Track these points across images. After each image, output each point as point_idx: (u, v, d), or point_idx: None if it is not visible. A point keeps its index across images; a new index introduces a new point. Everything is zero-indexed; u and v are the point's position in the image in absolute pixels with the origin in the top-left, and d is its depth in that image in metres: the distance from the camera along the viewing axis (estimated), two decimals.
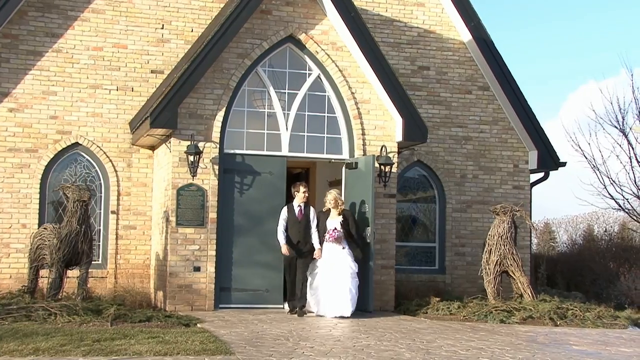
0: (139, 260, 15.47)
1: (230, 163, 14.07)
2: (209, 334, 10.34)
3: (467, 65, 17.11)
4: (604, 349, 10.43)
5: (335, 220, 13.25)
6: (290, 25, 14.44)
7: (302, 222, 13.16)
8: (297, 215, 13.20)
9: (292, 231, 13.17)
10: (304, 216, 13.22)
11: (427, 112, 16.48)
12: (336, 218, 13.27)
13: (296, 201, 13.32)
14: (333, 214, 13.32)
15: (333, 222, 13.22)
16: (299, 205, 13.28)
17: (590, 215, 28.77)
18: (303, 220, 13.19)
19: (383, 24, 16.71)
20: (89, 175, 15.43)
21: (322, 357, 8.78)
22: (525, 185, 17.30)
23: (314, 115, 14.59)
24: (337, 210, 13.32)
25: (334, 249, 13.06)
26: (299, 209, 13.26)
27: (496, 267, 14.20)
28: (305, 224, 13.17)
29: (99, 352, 8.71)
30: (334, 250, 13.06)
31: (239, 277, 13.91)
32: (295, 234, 13.15)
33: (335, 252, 13.06)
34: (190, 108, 13.86)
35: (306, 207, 13.33)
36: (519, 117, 16.95)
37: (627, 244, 23.78)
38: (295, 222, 13.17)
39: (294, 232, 13.16)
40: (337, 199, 13.41)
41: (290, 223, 13.17)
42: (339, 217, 13.28)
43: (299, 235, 13.13)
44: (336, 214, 13.32)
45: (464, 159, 16.94)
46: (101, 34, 15.57)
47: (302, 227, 13.14)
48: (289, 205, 13.39)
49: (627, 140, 22.45)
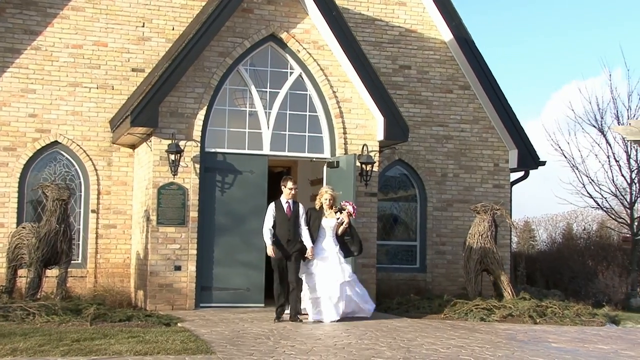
0: (119, 260, 15.38)
1: (212, 162, 14.01)
2: (190, 334, 10.29)
3: (448, 64, 17.15)
4: (582, 346, 10.48)
5: (332, 220, 12.36)
6: (272, 24, 14.41)
7: (291, 220, 12.17)
8: (286, 212, 12.19)
9: (280, 229, 12.16)
10: (292, 213, 12.23)
11: (408, 111, 16.51)
12: (332, 217, 12.38)
13: (284, 197, 12.33)
14: (329, 213, 12.41)
15: (329, 222, 12.35)
16: (287, 202, 12.28)
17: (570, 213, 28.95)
18: (292, 217, 12.20)
19: (364, 23, 16.72)
20: (68, 174, 15.34)
21: (303, 355, 8.76)
22: (505, 184, 17.38)
23: (296, 114, 14.56)
24: (333, 210, 12.45)
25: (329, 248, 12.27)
26: (287, 206, 12.24)
27: (477, 265, 14.25)
28: (294, 221, 12.20)
29: (78, 352, 8.64)
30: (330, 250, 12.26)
31: (220, 277, 13.87)
32: (284, 233, 12.13)
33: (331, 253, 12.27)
34: (171, 107, 13.79)
35: (295, 203, 12.37)
36: (499, 116, 17.02)
37: (605, 243, 23.93)
38: (284, 219, 12.16)
39: (283, 230, 12.15)
40: (334, 197, 12.55)
41: (279, 221, 12.17)
42: (335, 216, 12.39)
43: (289, 234, 12.13)
44: (332, 213, 12.41)
45: (444, 158, 16.99)
46: (81, 31, 15.47)
47: (291, 224, 12.16)
48: (276, 201, 12.38)
49: (606, 140, 22.62)
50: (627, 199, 22.27)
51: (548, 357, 9.26)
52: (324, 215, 12.39)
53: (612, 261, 21.58)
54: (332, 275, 12.09)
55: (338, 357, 8.69)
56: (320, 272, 12.16)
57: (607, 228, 25.87)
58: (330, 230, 12.33)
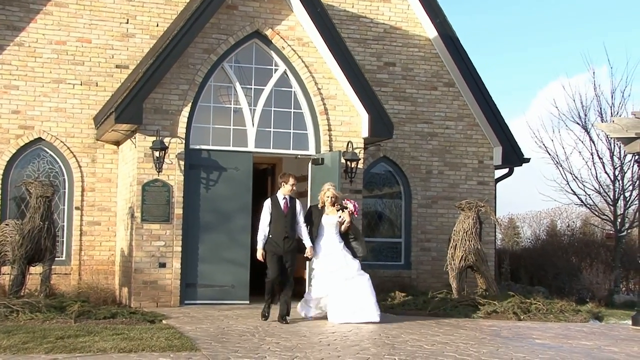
0: (104, 257, 15.33)
1: (196, 159, 13.98)
2: (175, 330, 10.27)
3: (432, 61, 17.18)
4: (565, 342, 10.54)
5: (334, 217, 11.94)
6: (257, 21, 14.39)
7: (287, 216, 11.62)
8: (283, 209, 11.63)
9: (277, 227, 11.58)
10: (289, 209, 11.68)
11: (393, 108, 16.52)
12: (334, 215, 11.96)
13: (281, 193, 11.77)
14: (330, 211, 12.00)
15: (330, 219, 11.95)
16: (284, 198, 11.73)
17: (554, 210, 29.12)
18: (289, 213, 11.65)
19: (349, 20, 16.72)
20: (52, 171, 15.26)
21: (288, 352, 8.76)
22: (489, 181, 17.43)
23: (281, 111, 14.55)
24: (335, 207, 12.02)
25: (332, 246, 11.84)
26: (284, 202, 11.70)
27: (461, 262, 14.29)
28: (291, 218, 11.67)
29: (62, 350, 8.60)
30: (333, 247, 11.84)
31: (205, 273, 13.85)
32: (280, 230, 11.56)
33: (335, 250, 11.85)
34: (155, 103, 13.75)
35: (292, 199, 11.80)
36: (483, 113, 17.07)
37: (588, 239, 24.08)
38: (280, 216, 11.60)
39: (280, 227, 11.57)
40: (336, 195, 12.13)
41: (275, 217, 11.60)
42: (337, 214, 11.97)
43: (285, 231, 11.56)
44: (334, 210, 12.00)
45: (429, 155, 17.02)
46: (64, 28, 15.40)
47: (288, 221, 11.61)
48: (272, 197, 11.89)
49: (589, 137, 22.75)
50: (610, 196, 22.40)
51: (532, 353, 9.30)
52: (325, 212, 12.05)
53: (596, 258, 21.69)
54: (336, 274, 11.71)
55: (323, 354, 8.70)
56: (324, 270, 11.83)
57: (591, 225, 26.04)
58: (333, 228, 11.95)
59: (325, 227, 11.97)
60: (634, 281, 21.07)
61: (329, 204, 12.03)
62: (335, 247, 11.88)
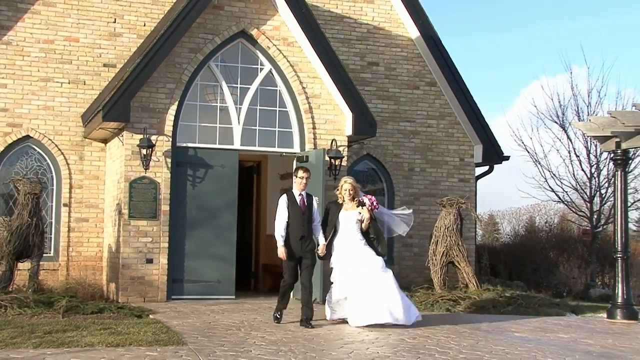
0: (92, 253, 15.27)
1: (183, 156, 13.95)
2: (161, 325, 10.25)
3: (415, 61, 17.21)
4: (543, 335, 10.59)
5: (353, 212, 10.98)
6: (242, 21, 14.36)
7: (305, 214, 10.73)
8: (300, 206, 10.75)
9: (293, 225, 10.69)
10: (307, 207, 10.80)
11: (376, 107, 16.54)
12: (353, 210, 11.01)
13: (296, 189, 10.92)
14: (349, 206, 11.04)
15: (350, 214, 10.98)
16: (300, 194, 10.83)
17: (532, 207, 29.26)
18: (306, 211, 10.77)
19: (333, 20, 16.72)
20: (40, 168, 15.19)
21: (273, 346, 8.76)
22: (470, 179, 17.48)
23: (266, 110, 14.53)
24: (355, 202, 11.06)
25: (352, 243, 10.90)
26: (300, 198, 10.79)
27: (442, 257, 14.32)
28: (308, 216, 10.78)
29: (50, 344, 8.57)
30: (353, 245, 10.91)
31: (192, 269, 13.82)
32: (297, 229, 10.67)
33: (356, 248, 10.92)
34: (142, 102, 13.70)
35: (308, 196, 10.94)
36: (464, 112, 17.12)
37: (566, 235, 24.23)
38: (298, 213, 10.70)
39: (296, 226, 10.67)
40: (355, 188, 11.13)
41: (292, 216, 10.71)
42: (356, 210, 11.02)
43: (303, 230, 10.69)
44: (353, 205, 11.04)
45: (411, 153, 17.06)
46: (52, 27, 15.32)
47: (305, 219, 10.72)
48: (287, 193, 10.95)
49: (567, 135, 22.92)
50: (587, 193, 22.57)
51: (511, 346, 9.35)
52: (343, 208, 11.08)
53: (573, 253, 21.86)
54: (358, 272, 10.70)
55: (307, 348, 8.71)
56: (345, 269, 10.80)
57: (568, 221, 26.20)
58: (353, 224, 10.95)
59: (343, 224, 11.00)
60: (609, 276, 21.20)
61: (348, 198, 11.04)
62: (355, 244, 10.91)
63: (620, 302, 13.23)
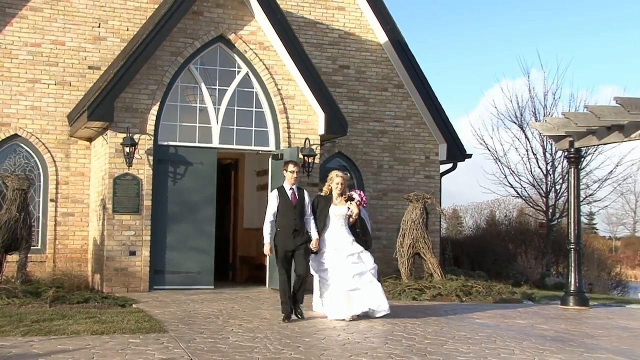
0: (77, 245, 15.16)
1: (164, 154, 13.89)
2: (144, 314, 10.22)
3: (383, 64, 17.26)
4: (502, 321, 10.69)
5: (342, 207, 10.43)
6: (221, 26, 14.32)
7: (296, 208, 10.10)
8: (291, 200, 10.12)
9: (285, 219, 10.06)
10: (298, 200, 10.16)
11: (347, 108, 16.57)
12: (343, 205, 10.46)
13: (287, 183, 10.27)
14: (337, 200, 10.45)
15: (339, 209, 10.41)
16: (291, 188, 10.21)
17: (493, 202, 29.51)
18: (297, 205, 10.13)
19: (307, 26, 16.72)
20: (28, 165, 15.05)
21: (249, 333, 8.77)
22: (435, 175, 17.58)
23: (243, 110, 14.51)
24: (344, 197, 10.53)
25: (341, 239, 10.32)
26: (292, 192, 10.18)
27: (409, 249, 14.40)
28: (300, 209, 10.14)
29: (38, 332, 8.51)
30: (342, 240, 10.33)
31: (173, 261, 13.77)
32: (289, 223, 10.04)
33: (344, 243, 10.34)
34: (126, 102, 13.61)
35: (299, 190, 10.34)
36: (430, 112, 17.21)
37: (524, 228, 24.47)
38: (289, 208, 10.08)
39: (288, 220, 10.05)
40: (345, 182, 10.59)
41: (283, 210, 10.08)
42: (345, 205, 10.47)
43: (294, 224, 10.05)
44: (342, 200, 10.48)
45: (380, 151, 17.11)
46: (39, 31, 15.17)
47: (297, 213, 10.08)
48: (279, 188, 10.33)
49: (525, 135, 23.17)
50: (543, 189, 22.82)
51: (472, 331, 9.43)
52: (332, 202, 10.44)
53: (530, 245, 22.08)
54: (348, 268, 10.16)
55: (281, 335, 8.72)
56: (334, 265, 10.20)
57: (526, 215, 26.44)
58: (342, 219, 10.40)
59: (332, 219, 10.38)
60: (563, 265, 21.45)
61: (338, 193, 10.45)
62: (344, 239, 10.33)
63: (573, 290, 13.41)
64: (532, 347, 8.40)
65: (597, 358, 7.86)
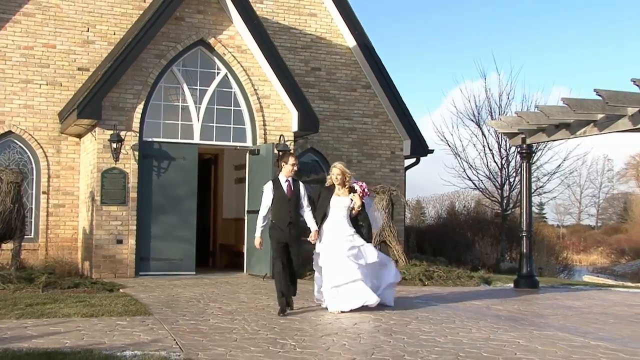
0: (68, 235, 15.05)
1: (149, 149, 13.82)
2: (130, 298, 10.17)
3: (352, 67, 17.29)
4: (461, 302, 10.76)
5: (345, 199, 9.48)
6: (201, 31, 14.25)
7: (292, 200, 9.20)
8: (286, 192, 9.21)
9: (279, 212, 9.17)
10: (293, 192, 9.26)
11: (318, 107, 16.59)
12: (345, 196, 9.50)
13: (283, 175, 9.32)
14: (340, 191, 9.52)
15: (341, 200, 9.46)
16: (286, 180, 9.28)
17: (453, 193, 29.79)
18: (293, 197, 9.23)
19: (281, 31, 16.70)
20: (21, 160, 14.91)
21: (228, 315, 8.77)
22: (400, 169, 17.67)
23: (222, 109, 14.47)
24: (346, 188, 9.54)
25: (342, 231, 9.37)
26: (287, 184, 9.26)
27: (376, 237, 14.45)
28: (295, 201, 9.24)
29: (31, 315, 8.45)
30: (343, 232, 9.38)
31: (157, 249, 13.72)
32: (284, 215, 9.15)
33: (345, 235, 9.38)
34: (113, 101, 13.52)
35: (295, 182, 9.36)
36: (395, 111, 17.28)
37: (481, 217, 24.70)
38: (283, 200, 9.17)
39: (283, 212, 9.16)
40: (344, 173, 9.56)
41: (278, 202, 9.17)
42: (348, 196, 9.50)
43: (289, 216, 9.15)
44: (345, 191, 9.52)
45: (349, 147, 17.16)
46: (32, 35, 15.00)
47: (292, 205, 9.19)
48: (273, 180, 9.43)
49: (482, 132, 23.36)
50: (498, 181, 23.05)
51: (434, 312, 9.50)
52: (335, 193, 9.54)
53: (486, 233, 22.29)
54: (346, 260, 9.20)
55: (258, 317, 8.74)
56: (332, 256, 9.26)
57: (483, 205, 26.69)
58: (343, 210, 9.45)
59: (333, 209, 9.46)
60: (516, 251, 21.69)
61: (338, 184, 9.52)
62: (345, 231, 9.38)
63: (525, 274, 13.56)
64: (488, 326, 8.50)
65: (545, 335, 7.98)
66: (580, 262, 35.49)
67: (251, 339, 7.27)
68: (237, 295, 10.80)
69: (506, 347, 7.18)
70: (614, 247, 40.10)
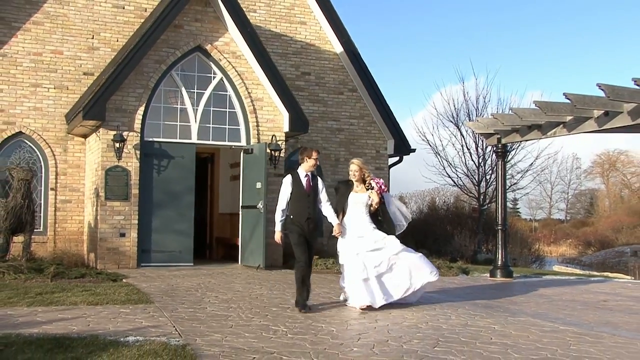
0: (74, 228, 15.01)
1: (150, 149, 13.80)
2: (133, 287, 10.18)
3: (339, 72, 17.31)
4: (440, 291, 10.86)
5: (363, 195, 8.95)
6: (199, 38, 14.24)
7: (310, 195, 8.58)
8: (305, 187, 8.58)
9: (298, 206, 8.52)
10: (312, 187, 8.63)
11: (308, 109, 16.60)
12: (363, 193, 8.98)
13: (302, 170, 8.68)
14: (359, 188, 9.01)
15: (359, 197, 8.95)
16: (306, 175, 8.65)
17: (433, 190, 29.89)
18: (311, 192, 8.60)
19: (273, 38, 16.69)
20: (31, 159, 14.85)
21: (224, 304, 8.80)
22: (385, 167, 17.71)
23: (218, 110, 14.46)
24: (365, 185, 9.03)
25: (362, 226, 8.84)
26: (306, 179, 8.63)
27: None
28: (314, 197, 8.62)
29: (41, 303, 8.45)
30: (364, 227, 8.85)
31: (158, 241, 13.71)
32: (303, 210, 8.51)
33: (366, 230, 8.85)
34: (116, 104, 13.49)
35: (314, 177, 8.74)
36: (379, 113, 17.31)
37: (459, 212, 24.80)
38: (302, 195, 8.54)
39: (302, 207, 8.51)
40: (361, 169, 9.03)
41: (296, 196, 8.54)
42: (366, 193, 8.97)
43: (308, 211, 8.53)
44: (363, 188, 9.00)
45: (337, 146, 17.18)
46: (41, 42, 14.94)
47: (311, 200, 8.57)
48: (292, 174, 8.67)
49: (460, 132, 23.45)
50: (475, 178, 23.14)
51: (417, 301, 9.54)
52: (353, 190, 9.05)
53: (464, 226, 22.39)
54: (369, 255, 8.69)
55: (252, 305, 8.77)
56: (355, 252, 8.71)
57: (461, 201, 26.81)
58: (362, 207, 8.91)
59: (351, 205, 8.95)
60: (491, 244, 21.83)
61: (356, 180, 9.02)
62: (365, 227, 8.83)
63: (500, 264, 13.65)
64: (466, 313, 8.56)
65: (519, 320, 8.05)
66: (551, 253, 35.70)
67: (245, 325, 7.30)
68: (232, 285, 10.82)
69: (482, 332, 7.24)
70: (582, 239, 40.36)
